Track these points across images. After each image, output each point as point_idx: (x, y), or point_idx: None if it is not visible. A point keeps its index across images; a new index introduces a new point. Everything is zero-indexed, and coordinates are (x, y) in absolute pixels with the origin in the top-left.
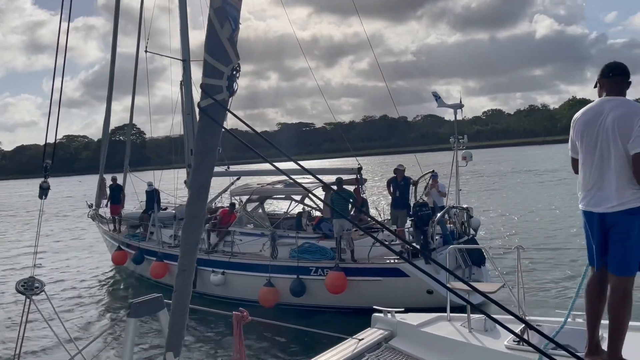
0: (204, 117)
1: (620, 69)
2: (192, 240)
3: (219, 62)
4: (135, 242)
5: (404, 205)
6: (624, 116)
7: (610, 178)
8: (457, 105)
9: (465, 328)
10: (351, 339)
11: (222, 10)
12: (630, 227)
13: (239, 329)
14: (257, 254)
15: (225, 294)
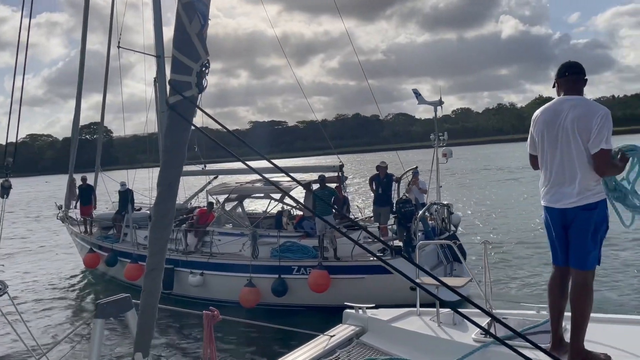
0: (173, 114)
1: (576, 68)
2: (161, 239)
3: (188, 58)
4: (108, 243)
5: (387, 202)
6: (583, 115)
7: (570, 175)
8: (437, 103)
9: (435, 322)
10: (322, 335)
11: (190, 5)
12: (589, 222)
13: (210, 328)
14: (236, 254)
15: (204, 295)
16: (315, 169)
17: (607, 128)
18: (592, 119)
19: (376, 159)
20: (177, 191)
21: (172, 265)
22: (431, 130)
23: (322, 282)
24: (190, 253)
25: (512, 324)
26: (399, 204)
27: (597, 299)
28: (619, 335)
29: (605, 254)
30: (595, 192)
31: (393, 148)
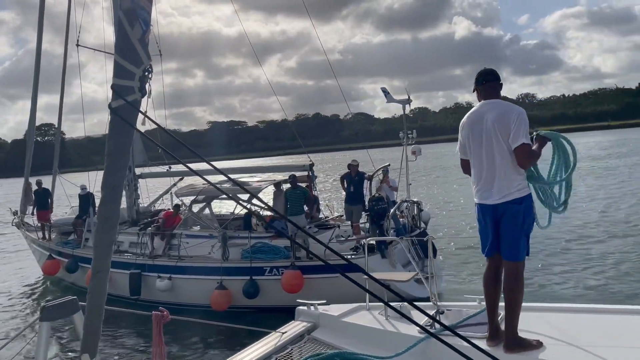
0: (116, 118)
1: (491, 75)
2: (106, 241)
3: (130, 63)
4: (68, 249)
5: (359, 200)
6: (502, 116)
7: (497, 173)
8: (406, 101)
9: (383, 316)
10: (274, 332)
11: (131, 11)
12: (517, 216)
13: (159, 328)
14: (206, 257)
15: (172, 300)
16: (285, 169)
17: (524, 125)
18: (509, 118)
19: (338, 157)
20: (121, 194)
21: (139, 270)
22: (390, 130)
23: (295, 282)
24: (157, 257)
25: (454, 315)
26: (372, 202)
27: (533, 289)
28: (552, 322)
29: (538, 246)
30: (520, 187)
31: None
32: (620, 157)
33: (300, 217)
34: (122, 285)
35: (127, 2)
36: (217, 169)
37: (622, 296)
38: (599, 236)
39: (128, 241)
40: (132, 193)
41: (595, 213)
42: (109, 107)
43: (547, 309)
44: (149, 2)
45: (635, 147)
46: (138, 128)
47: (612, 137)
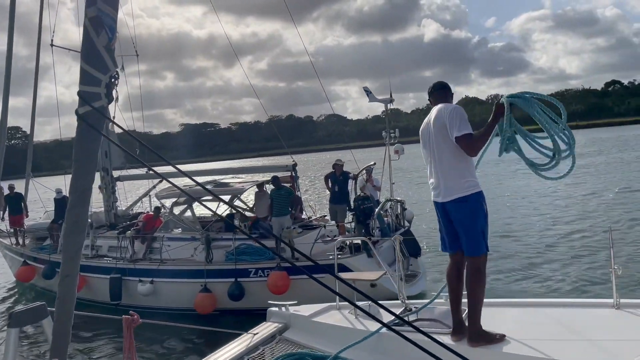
0: (83, 124)
1: (441, 84)
2: (75, 245)
3: (97, 70)
4: (44, 254)
5: (343, 200)
6: (437, 117)
7: (442, 173)
8: (388, 100)
9: (353, 315)
10: (246, 334)
11: (97, 19)
12: (465, 213)
13: (130, 332)
14: (188, 260)
15: (155, 304)
16: (268, 169)
17: (457, 119)
18: (444, 116)
19: (313, 159)
20: (90, 198)
21: (120, 274)
22: (364, 130)
23: (281, 284)
24: (138, 261)
25: (422, 313)
26: (358, 201)
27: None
28: (514, 316)
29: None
30: (466, 186)
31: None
32: (594, 155)
33: (285, 218)
34: (102, 290)
35: (93, 10)
36: (182, 172)
37: (579, 292)
38: (559, 233)
39: (107, 245)
40: (109, 196)
41: (556, 211)
42: (75, 113)
43: (510, 304)
44: (115, 10)
45: (606, 147)
46: (105, 134)
47: (581, 137)
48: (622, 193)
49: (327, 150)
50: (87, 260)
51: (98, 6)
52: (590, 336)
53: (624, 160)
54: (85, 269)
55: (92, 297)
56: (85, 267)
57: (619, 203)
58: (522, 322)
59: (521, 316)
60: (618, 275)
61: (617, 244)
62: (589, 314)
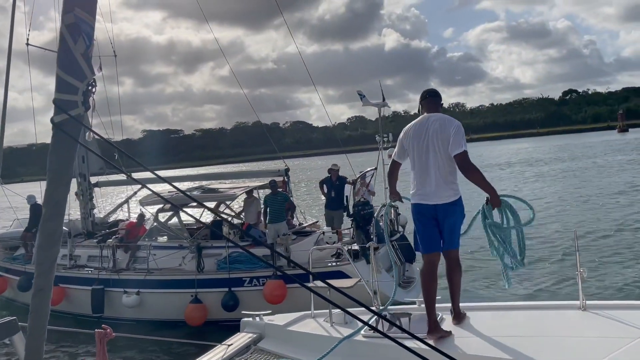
0: (59, 132)
1: (434, 92)
2: (49, 258)
3: (73, 77)
4: (19, 265)
5: (340, 205)
6: (442, 128)
7: (438, 178)
8: (382, 104)
9: (328, 323)
10: (220, 345)
11: (75, 26)
12: (457, 213)
13: (102, 346)
14: (176, 269)
15: (142, 316)
16: (259, 174)
17: (461, 135)
18: (449, 128)
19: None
20: (64, 209)
21: (102, 285)
22: (332, 138)
23: (278, 293)
24: (122, 271)
25: (395, 318)
26: (358, 207)
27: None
28: (485, 319)
29: None
30: (456, 191)
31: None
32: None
33: (282, 224)
34: (83, 302)
35: (70, 16)
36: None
37: (548, 293)
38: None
39: (86, 255)
40: (87, 203)
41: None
42: (51, 121)
43: (480, 308)
44: (93, 17)
45: (572, 153)
46: (82, 142)
47: (545, 143)
48: (596, 197)
49: (295, 157)
50: (66, 271)
51: (75, 13)
52: (558, 337)
53: (597, 165)
54: (65, 280)
55: (72, 310)
56: (65, 278)
57: (589, 207)
58: (492, 325)
59: (491, 319)
60: (584, 278)
61: (583, 247)
62: (556, 315)
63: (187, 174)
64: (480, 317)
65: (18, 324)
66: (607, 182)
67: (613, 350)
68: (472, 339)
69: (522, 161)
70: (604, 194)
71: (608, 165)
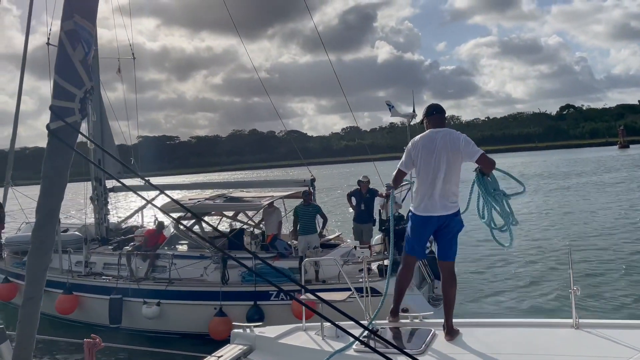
0: (54, 139)
1: (439, 109)
2: (40, 267)
3: (71, 84)
4: None
5: (370, 218)
6: (451, 141)
7: (443, 191)
8: (410, 115)
9: (319, 336)
10: (210, 357)
11: (74, 32)
12: (457, 225)
13: (92, 356)
14: (198, 280)
15: (162, 327)
16: (284, 183)
17: (472, 142)
18: (457, 142)
19: (278, 174)
20: (57, 217)
21: (120, 295)
22: (328, 147)
23: (312, 306)
24: (142, 280)
25: (388, 333)
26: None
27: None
28: (478, 336)
29: None
30: (457, 203)
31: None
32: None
33: (313, 236)
34: (99, 312)
35: (69, 23)
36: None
37: (540, 311)
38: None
39: (102, 262)
40: (102, 208)
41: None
42: (47, 128)
43: (473, 324)
44: (93, 24)
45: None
46: (77, 150)
47: (546, 157)
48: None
49: (292, 166)
50: (82, 279)
51: (75, 20)
52: (551, 355)
53: (601, 182)
54: (80, 288)
55: (86, 320)
56: (80, 286)
57: (583, 224)
58: (484, 342)
59: (484, 336)
60: (577, 296)
61: (577, 265)
62: (549, 333)
63: (206, 180)
64: (473, 333)
65: (5, 332)
66: (617, 198)
67: None
68: (464, 355)
69: (532, 174)
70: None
71: (613, 182)
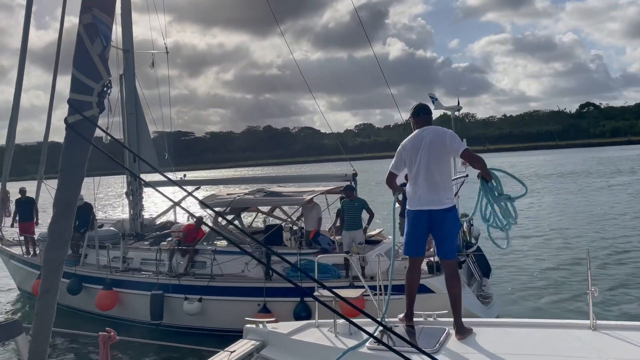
0: (72, 133)
1: (426, 110)
2: (57, 260)
3: (89, 78)
4: (69, 267)
5: None
6: (438, 137)
7: (438, 186)
8: (455, 108)
9: (332, 333)
10: (223, 351)
11: (92, 26)
12: (452, 221)
13: (106, 349)
14: (239, 275)
15: (204, 324)
16: (325, 178)
17: (457, 139)
18: (444, 138)
19: (295, 171)
20: (74, 211)
21: (161, 290)
22: (344, 143)
23: (356, 304)
24: (182, 276)
25: (402, 331)
26: None
27: None
28: (494, 336)
29: None
30: (450, 198)
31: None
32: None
33: (358, 232)
34: (140, 308)
35: (88, 17)
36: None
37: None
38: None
39: (139, 258)
40: (137, 203)
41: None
42: (65, 121)
43: (489, 324)
44: (111, 18)
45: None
46: (95, 144)
47: (569, 156)
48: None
49: (308, 162)
50: (121, 275)
51: (94, 13)
52: (567, 357)
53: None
54: (119, 284)
55: (127, 316)
56: (119, 282)
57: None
58: (498, 342)
59: (499, 336)
60: (595, 297)
61: (596, 266)
62: (566, 334)
63: (242, 175)
64: (488, 333)
65: (22, 325)
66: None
67: None
68: (478, 355)
69: (558, 173)
70: None
71: None
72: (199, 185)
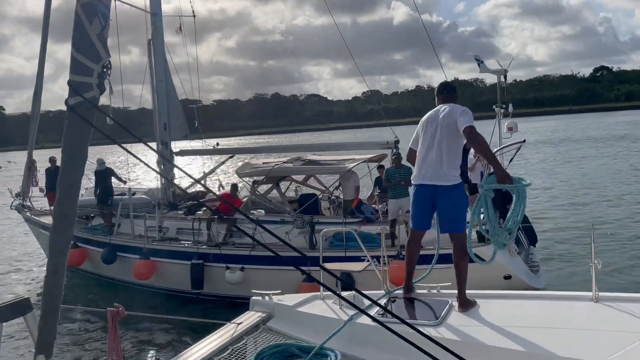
0: (72, 115)
1: (450, 88)
2: (63, 241)
3: (88, 59)
4: (102, 236)
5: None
6: (449, 114)
7: (437, 159)
8: (502, 71)
9: (337, 305)
10: (229, 323)
11: (90, 6)
12: (459, 195)
13: (114, 325)
14: (279, 245)
15: (246, 293)
16: (365, 145)
17: (467, 115)
18: (455, 113)
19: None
20: (78, 192)
21: (202, 260)
22: (353, 111)
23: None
24: (223, 245)
25: (405, 303)
26: None
27: None
28: (496, 308)
29: None
30: (457, 177)
31: (322, 129)
32: None
33: (406, 200)
34: (179, 277)
35: None
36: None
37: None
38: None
39: (174, 227)
40: (168, 172)
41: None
42: (65, 103)
43: (492, 296)
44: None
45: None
46: (96, 126)
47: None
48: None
49: (318, 130)
50: (159, 244)
51: None
52: (569, 329)
53: None
54: (157, 254)
55: (166, 285)
56: (157, 252)
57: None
58: (502, 315)
59: (502, 308)
60: (598, 270)
61: (598, 239)
62: (568, 306)
63: (279, 143)
64: (490, 305)
65: (31, 303)
66: None
67: (627, 344)
68: (481, 327)
69: (590, 138)
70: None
71: None
72: (232, 154)
